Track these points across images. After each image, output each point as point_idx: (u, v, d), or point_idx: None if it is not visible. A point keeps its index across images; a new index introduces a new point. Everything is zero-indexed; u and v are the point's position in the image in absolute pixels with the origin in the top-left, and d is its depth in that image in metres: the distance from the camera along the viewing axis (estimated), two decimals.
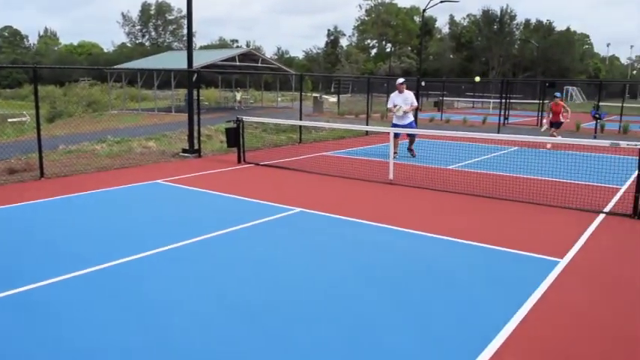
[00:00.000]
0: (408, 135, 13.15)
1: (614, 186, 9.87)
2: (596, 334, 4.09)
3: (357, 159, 12.52)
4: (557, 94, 16.47)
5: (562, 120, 15.88)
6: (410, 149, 13.08)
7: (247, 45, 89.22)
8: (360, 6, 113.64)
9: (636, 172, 7.81)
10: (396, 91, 13.02)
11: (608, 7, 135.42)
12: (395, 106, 12.83)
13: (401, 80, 12.97)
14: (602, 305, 4.62)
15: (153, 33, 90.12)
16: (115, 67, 36.87)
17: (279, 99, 44.63)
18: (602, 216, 7.73)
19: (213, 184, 9.45)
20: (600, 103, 23.36)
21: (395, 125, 12.61)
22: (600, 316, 4.41)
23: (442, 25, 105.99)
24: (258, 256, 5.69)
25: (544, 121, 16.23)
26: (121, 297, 4.55)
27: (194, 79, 13.22)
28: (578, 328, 4.17)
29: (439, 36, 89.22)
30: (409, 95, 12.95)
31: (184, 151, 13.14)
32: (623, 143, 8.14)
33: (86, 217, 7.18)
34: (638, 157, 7.78)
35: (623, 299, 4.76)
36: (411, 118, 13.08)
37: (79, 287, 4.75)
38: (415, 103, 12.95)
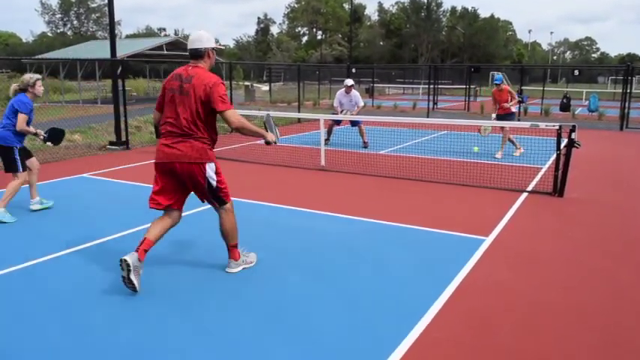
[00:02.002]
0: (352, 124, 13.21)
1: (536, 166, 10.32)
2: (515, 304, 4.28)
3: (289, 146, 12.52)
4: (498, 77, 11.92)
5: (513, 110, 11.82)
6: (364, 142, 12.91)
7: (176, 33, 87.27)
8: None
9: (555, 153, 8.17)
10: (343, 90, 13.05)
11: None
12: (341, 111, 12.91)
13: (350, 83, 12.93)
14: (522, 278, 4.84)
15: (75, 22, 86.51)
16: (35, 57, 35.21)
17: None
18: (525, 195, 8.08)
19: (143, 177, 9.22)
20: (523, 87, 24.30)
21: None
22: (520, 287, 4.62)
23: (371, 12, 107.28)
24: (194, 246, 5.62)
25: (493, 115, 11.87)
26: (46, 295, 4.39)
27: (119, 69, 12.82)
28: (500, 300, 4.36)
29: (369, 23, 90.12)
30: (354, 97, 12.94)
31: (112, 143, 12.76)
32: (542, 125, 8.50)
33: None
34: (556, 138, 8.16)
35: (541, 271, 5.00)
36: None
37: (12, 284, 4.55)
38: (361, 104, 13.06)
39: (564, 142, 7.94)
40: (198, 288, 4.57)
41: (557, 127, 8.06)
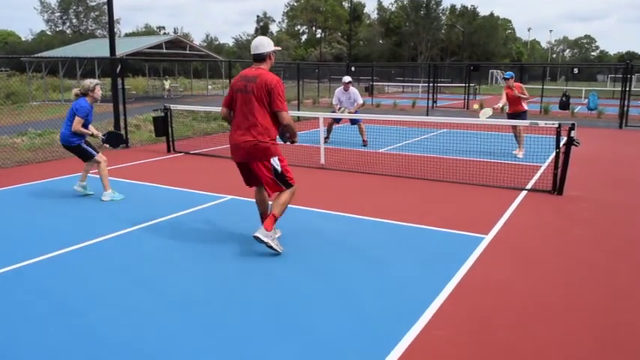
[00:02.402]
0: (352, 122, 13.23)
1: (536, 164, 10.32)
2: (514, 302, 4.29)
3: (289, 144, 12.47)
4: (508, 74, 11.52)
5: (525, 108, 11.31)
6: (364, 140, 13.00)
7: (175, 32, 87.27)
8: None
9: (555, 151, 8.17)
10: (341, 88, 13.04)
11: None
12: (339, 108, 12.92)
13: (348, 79, 12.94)
14: (522, 276, 4.84)
15: (74, 20, 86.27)
16: (34, 55, 35.17)
17: (210, 87, 43.93)
18: (524, 193, 8.08)
19: (142, 175, 9.24)
20: (523, 86, 24.27)
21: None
22: (519, 285, 4.63)
23: (371, 10, 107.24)
24: (190, 245, 5.61)
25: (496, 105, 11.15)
26: (45, 295, 4.39)
27: (118, 67, 12.80)
28: (499, 298, 4.36)
29: (368, 21, 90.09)
30: (353, 94, 12.93)
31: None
32: (541, 123, 8.50)
33: (6, 214, 6.86)
34: (555, 137, 8.16)
35: (541, 269, 5.00)
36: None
37: (2, 285, 4.55)
38: (360, 101, 13.02)
39: (564, 140, 7.94)
40: (199, 287, 4.57)
41: (557, 126, 8.05)
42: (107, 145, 8.33)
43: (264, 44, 5.21)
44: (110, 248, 5.52)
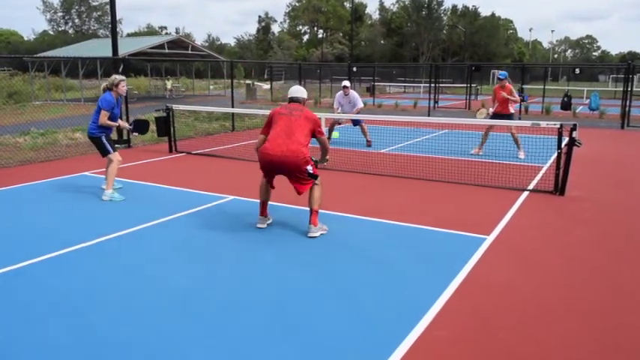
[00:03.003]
0: (354, 123, 13.27)
1: (537, 164, 10.32)
2: (516, 303, 4.29)
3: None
4: (502, 73, 11.46)
5: (511, 111, 11.37)
6: (367, 141, 13.05)
7: (177, 32, 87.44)
8: None
9: (556, 152, 8.17)
10: (342, 92, 13.11)
11: None
12: (340, 112, 13.01)
13: (346, 84, 13.04)
14: (524, 276, 4.85)
15: (77, 20, 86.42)
16: (37, 55, 35.20)
17: (212, 87, 43.96)
18: (526, 193, 8.08)
19: (144, 175, 9.25)
20: (524, 86, 24.29)
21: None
22: (521, 286, 4.63)
23: (372, 11, 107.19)
24: (192, 245, 5.63)
25: (490, 109, 11.52)
26: (47, 294, 4.41)
27: (121, 67, 12.82)
28: (501, 298, 4.36)
29: (370, 22, 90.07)
30: (353, 98, 13.00)
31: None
32: (543, 123, 8.50)
33: (9, 213, 6.88)
34: (557, 137, 8.16)
35: (542, 270, 5.01)
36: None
37: (3, 284, 4.56)
38: (359, 105, 13.04)
39: (565, 140, 7.94)
40: (200, 286, 4.58)
41: (559, 126, 8.05)
42: (136, 134, 8.81)
43: (301, 91, 6.41)
44: (112, 248, 5.53)
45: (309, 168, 6.00)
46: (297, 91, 6.42)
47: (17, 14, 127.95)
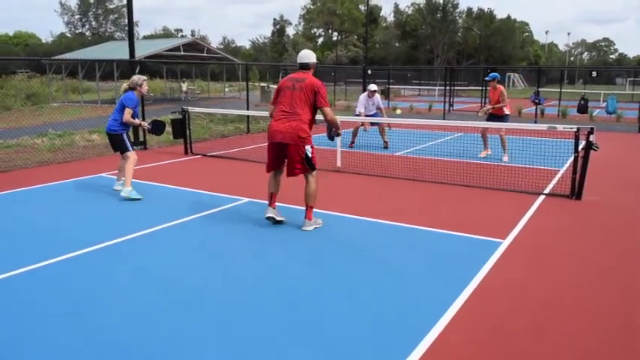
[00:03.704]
0: (372, 124, 13.34)
1: (554, 168, 10.25)
2: (532, 307, 4.27)
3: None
4: (490, 75, 11.83)
5: (506, 112, 11.43)
6: (384, 142, 13.33)
7: (192, 34, 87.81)
8: None
9: (573, 155, 8.11)
10: (366, 94, 13.36)
11: None
12: (363, 112, 13.16)
13: (374, 87, 13.39)
14: (540, 281, 4.81)
15: (93, 22, 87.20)
16: (54, 57, 35.58)
17: (227, 89, 44.16)
18: (542, 197, 8.02)
19: (160, 177, 9.32)
20: (540, 89, 24.12)
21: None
22: (537, 290, 4.60)
23: (387, 13, 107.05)
24: (210, 247, 5.66)
25: (485, 107, 11.76)
26: (64, 294, 4.46)
27: (137, 69, 12.93)
28: (517, 303, 4.34)
29: (384, 24, 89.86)
30: (377, 100, 13.41)
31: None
32: (559, 127, 8.44)
33: (27, 214, 6.97)
34: (574, 140, 8.09)
35: (558, 274, 4.97)
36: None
37: (20, 285, 4.62)
38: (381, 107, 13.57)
39: (582, 144, 7.87)
40: (211, 287, 4.61)
41: (575, 130, 7.99)
42: (154, 134, 9.05)
43: (309, 56, 6.29)
44: (127, 249, 5.58)
45: (308, 150, 6.07)
46: (305, 56, 6.34)
47: (35, 17, 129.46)
